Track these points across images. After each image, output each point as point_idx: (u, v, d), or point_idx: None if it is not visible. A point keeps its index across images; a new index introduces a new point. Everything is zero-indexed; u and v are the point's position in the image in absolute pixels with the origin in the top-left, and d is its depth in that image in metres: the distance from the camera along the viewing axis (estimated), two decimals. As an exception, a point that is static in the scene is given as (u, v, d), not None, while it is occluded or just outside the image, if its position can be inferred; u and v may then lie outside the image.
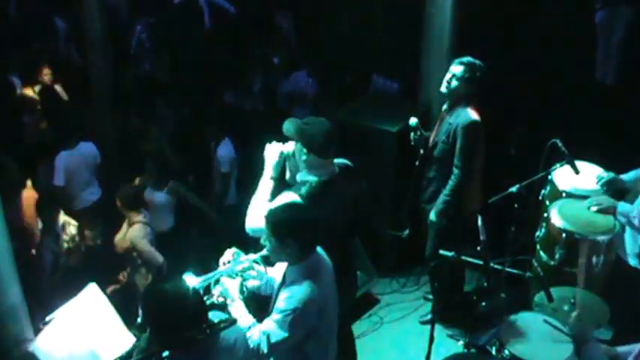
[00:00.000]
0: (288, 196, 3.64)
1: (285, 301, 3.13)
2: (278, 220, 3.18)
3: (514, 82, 6.71)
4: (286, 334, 3.08)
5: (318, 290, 3.15)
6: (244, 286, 3.35)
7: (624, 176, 4.60)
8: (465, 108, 4.65)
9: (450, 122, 4.70)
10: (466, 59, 4.68)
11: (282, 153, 3.77)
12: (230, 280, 3.31)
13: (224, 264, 3.40)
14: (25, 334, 3.84)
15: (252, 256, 3.40)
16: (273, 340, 3.07)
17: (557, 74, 6.79)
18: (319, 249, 3.32)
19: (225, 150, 6.13)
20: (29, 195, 5.39)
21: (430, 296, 5.34)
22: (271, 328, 3.09)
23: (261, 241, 3.28)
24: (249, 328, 3.12)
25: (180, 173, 6.31)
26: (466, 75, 4.61)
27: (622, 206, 4.21)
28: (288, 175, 3.84)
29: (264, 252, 3.32)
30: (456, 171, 4.68)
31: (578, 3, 7.05)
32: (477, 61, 4.66)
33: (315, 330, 3.18)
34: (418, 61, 5.89)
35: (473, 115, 4.63)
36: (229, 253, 3.42)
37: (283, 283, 3.27)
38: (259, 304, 3.45)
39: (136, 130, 6.82)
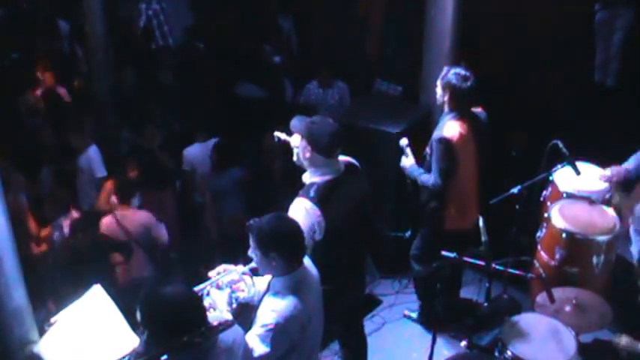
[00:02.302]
0: (300, 203, 3.67)
1: (268, 314, 3.11)
2: (261, 232, 3.16)
3: (515, 83, 6.74)
4: (268, 350, 3.07)
5: (301, 306, 3.13)
6: (233, 298, 3.33)
7: (627, 164, 4.63)
8: (445, 121, 4.51)
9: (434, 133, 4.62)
10: (448, 67, 4.56)
11: None
12: (218, 292, 3.30)
13: (217, 274, 3.40)
14: (30, 336, 3.85)
15: (241, 268, 3.39)
16: (256, 354, 3.06)
17: (557, 76, 6.83)
18: (307, 261, 3.30)
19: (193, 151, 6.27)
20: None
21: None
22: (254, 343, 3.08)
23: (249, 253, 3.26)
24: None
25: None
26: (441, 82, 4.49)
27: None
28: (295, 157, 3.87)
29: (252, 264, 3.31)
30: (431, 176, 4.53)
31: (577, 4, 7.08)
32: (458, 70, 4.48)
33: (298, 344, 3.17)
34: (419, 64, 5.91)
35: (447, 130, 4.44)
36: (220, 268, 3.41)
37: (267, 291, 3.26)
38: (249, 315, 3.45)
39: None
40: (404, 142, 4.76)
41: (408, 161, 4.69)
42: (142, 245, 5.31)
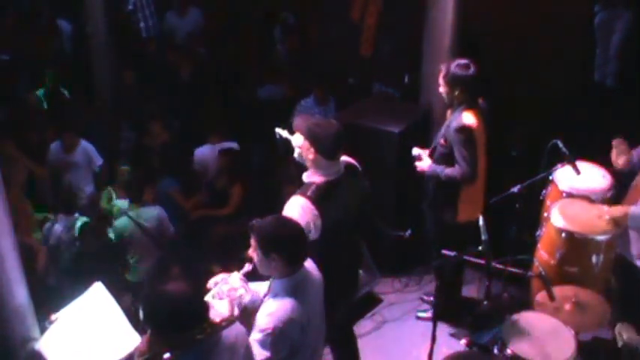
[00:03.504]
0: (297, 201, 3.68)
1: (266, 318, 3.12)
2: (263, 233, 3.17)
3: (515, 83, 6.75)
4: (268, 354, 3.08)
5: (300, 308, 3.13)
6: (235, 304, 3.31)
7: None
8: (460, 112, 4.55)
9: (447, 125, 4.66)
10: (445, 64, 4.58)
11: None
12: (220, 302, 3.29)
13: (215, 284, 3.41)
14: (31, 334, 3.86)
15: (236, 275, 3.40)
16: (257, 359, 3.08)
17: (557, 75, 6.84)
18: (310, 264, 3.31)
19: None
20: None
21: (425, 297, 5.36)
22: (254, 347, 3.08)
23: (250, 252, 3.27)
24: None
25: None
26: (446, 78, 4.52)
27: (635, 210, 4.24)
28: (296, 155, 3.89)
29: (246, 268, 3.33)
30: (458, 168, 4.56)
31: (578, 5, 7.10)
32: (457, 61, 4.52)
33: (299, 347, 3.19)
34: (419, 63, 5.93)
35: (465, 119, 4.51)
36: (219, 277, 3.42)
37: (268, 293, 3.28)
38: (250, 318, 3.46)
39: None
40: (416, 151, 4.81)
41: (425, 163, 4.73)
42: (154, 239, 5.46)
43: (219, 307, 3.24)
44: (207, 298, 3.29)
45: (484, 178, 4.80)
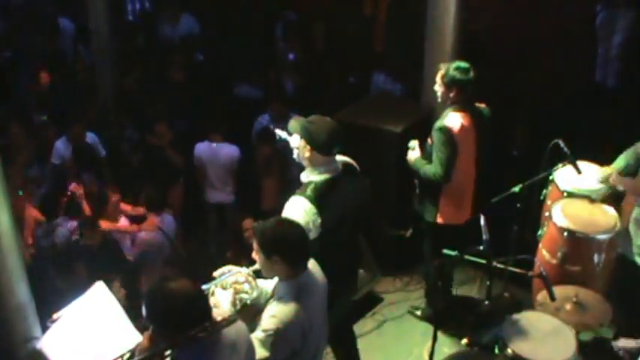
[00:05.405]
0: (296, 201, 3.68)
1: (269, 319, 3.14)
2: (264, 235, 3.18)
3: (516, 82, 6.76)
4: (267, 354, 3.10)
5: (303, 312, 3.14)
6: (237, 299, 3.34)
7: (617, 165, 4.67)
8: (448, 112, 4.54)
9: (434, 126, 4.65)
10: (445, 65, 4.58)
11: None
12: (223, 293, 3.30)
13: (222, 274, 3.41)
14: (33, 332, 3.86)
15: (245, 270, 3.39)
16: (256, 358, 3.09)
17: (558, 75, 6.84)
18: (312, 266, 3.31)
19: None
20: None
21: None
22: (255, 345, 3.10)
23: (253, 255, 3.28)
24: None
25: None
26: (444, 78, 4.51)
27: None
28: (295, 156, 3.90)
29: (256, 266, 3.33)
30: (432, 167, 4.55)
31: (578, 4, 7.10)
32: (457, 64, 4.52)
33: (299, 349, 3.20)
34: (421, 63, 5.93)
35: (448, 120, 4.49)
36: (225, 268, 3.42)
37: (272, 296, 3.29)
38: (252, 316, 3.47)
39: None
40: (413, 143, 4.79)
41: (413, 155, 4.72)
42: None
43: (220, 297, 3.26)
44: (211, 286, 3.31)
45: (473, 183, 4.72)
